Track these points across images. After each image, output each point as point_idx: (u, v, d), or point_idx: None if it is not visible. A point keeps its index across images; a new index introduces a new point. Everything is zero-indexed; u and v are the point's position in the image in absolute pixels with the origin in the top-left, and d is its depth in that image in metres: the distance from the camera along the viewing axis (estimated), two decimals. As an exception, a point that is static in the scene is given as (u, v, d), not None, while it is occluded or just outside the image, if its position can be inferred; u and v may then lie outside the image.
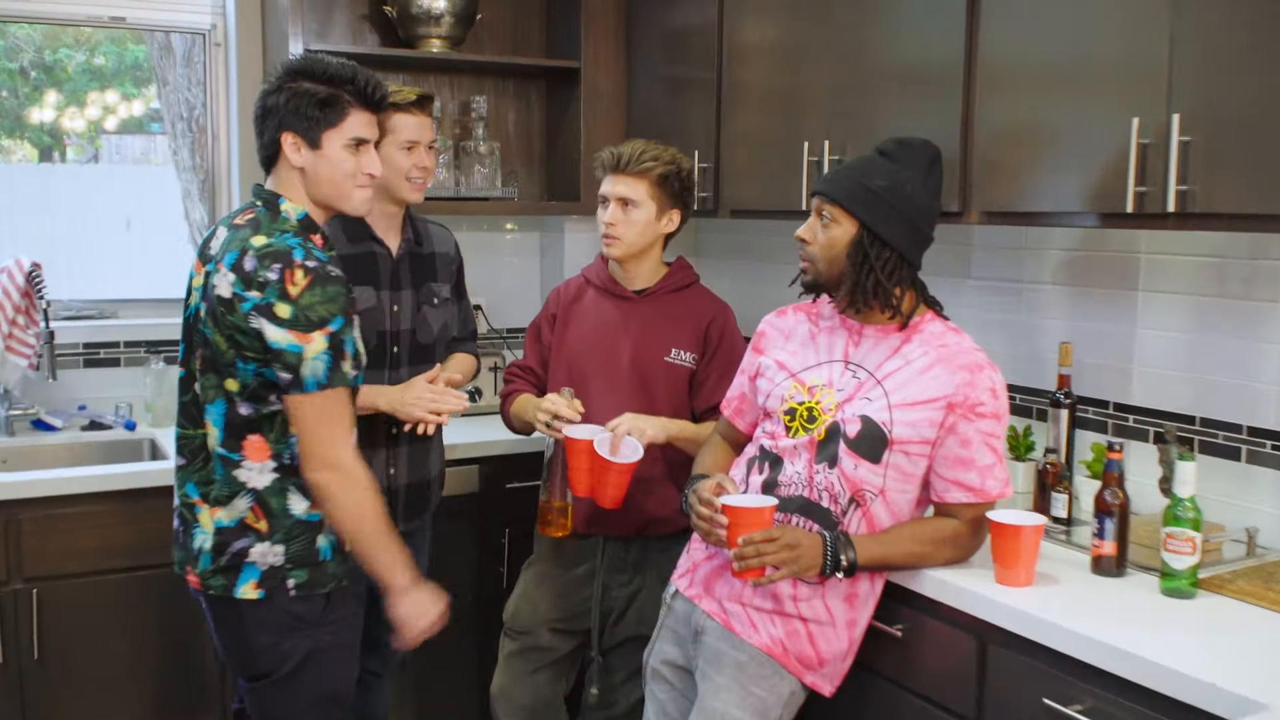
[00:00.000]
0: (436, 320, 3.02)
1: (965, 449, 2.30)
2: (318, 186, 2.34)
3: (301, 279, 2.21)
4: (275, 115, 2.31)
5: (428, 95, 2.89)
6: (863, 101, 2.92)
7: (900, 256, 2.31)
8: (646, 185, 2.88)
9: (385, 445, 2.94)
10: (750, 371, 2.57)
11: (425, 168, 2.88)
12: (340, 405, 2.27)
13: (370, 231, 2.90)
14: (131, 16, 3.78)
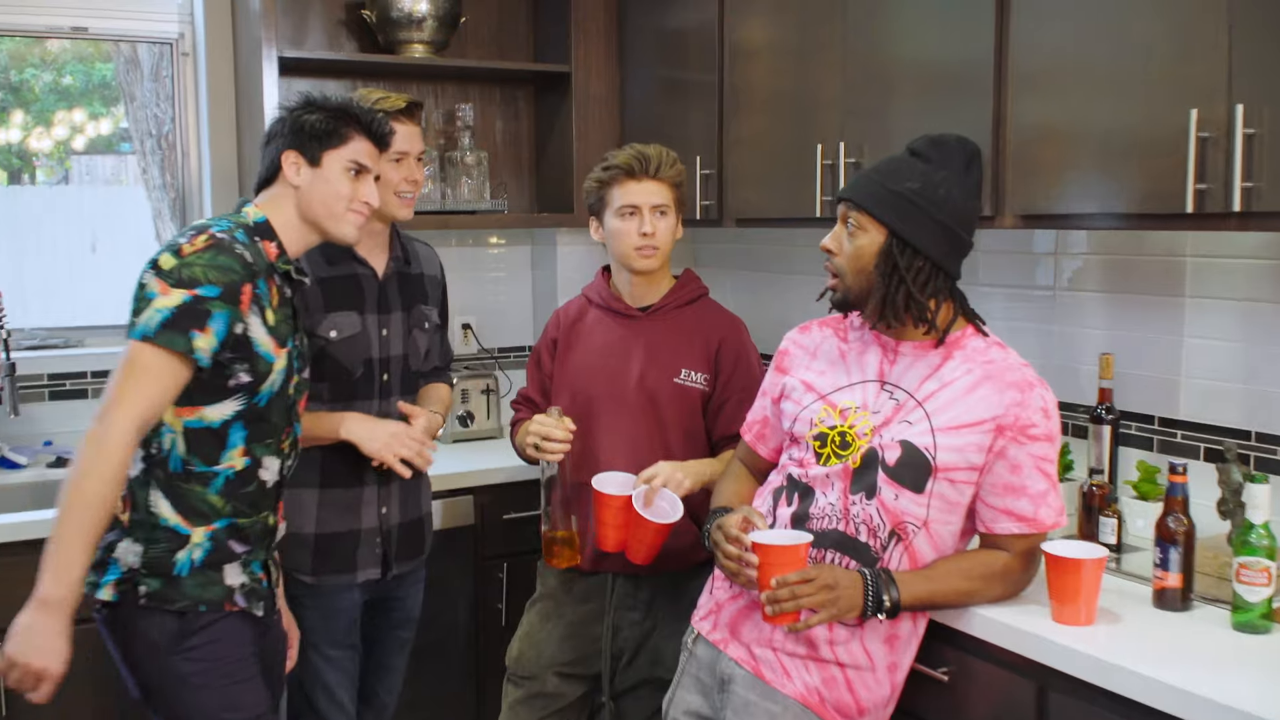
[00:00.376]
0: (425, 346, 2.82)
1: (1016, 475, 2.10)
2: (310, 205, 2.27)
3: (201, 242, 2.12)
4: (277, 138, 2.30)
5: (417, 103, 2.69)
6: (880, 100, 2.73)
7: (934, 265, 2.11)
8: (672, 191, 2.71)
9: (376, 482, 2.72)
10: (773, 393, 2.37)
11: (415, 181, 2.68)
12: (154, 371, 2.06)
13: (350, 251, 2.68)
14: (94, 26, 3.56)
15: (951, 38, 2.55)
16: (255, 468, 2.23)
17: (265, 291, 2.18)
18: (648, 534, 2.50)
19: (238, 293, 2.11)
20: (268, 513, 2.29)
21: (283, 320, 2.23)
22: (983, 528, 2.16)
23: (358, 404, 2.67)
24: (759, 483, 2.43)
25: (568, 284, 3.92)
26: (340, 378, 2.65)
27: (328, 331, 2.62)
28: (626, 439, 2.71)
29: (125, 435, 2.06)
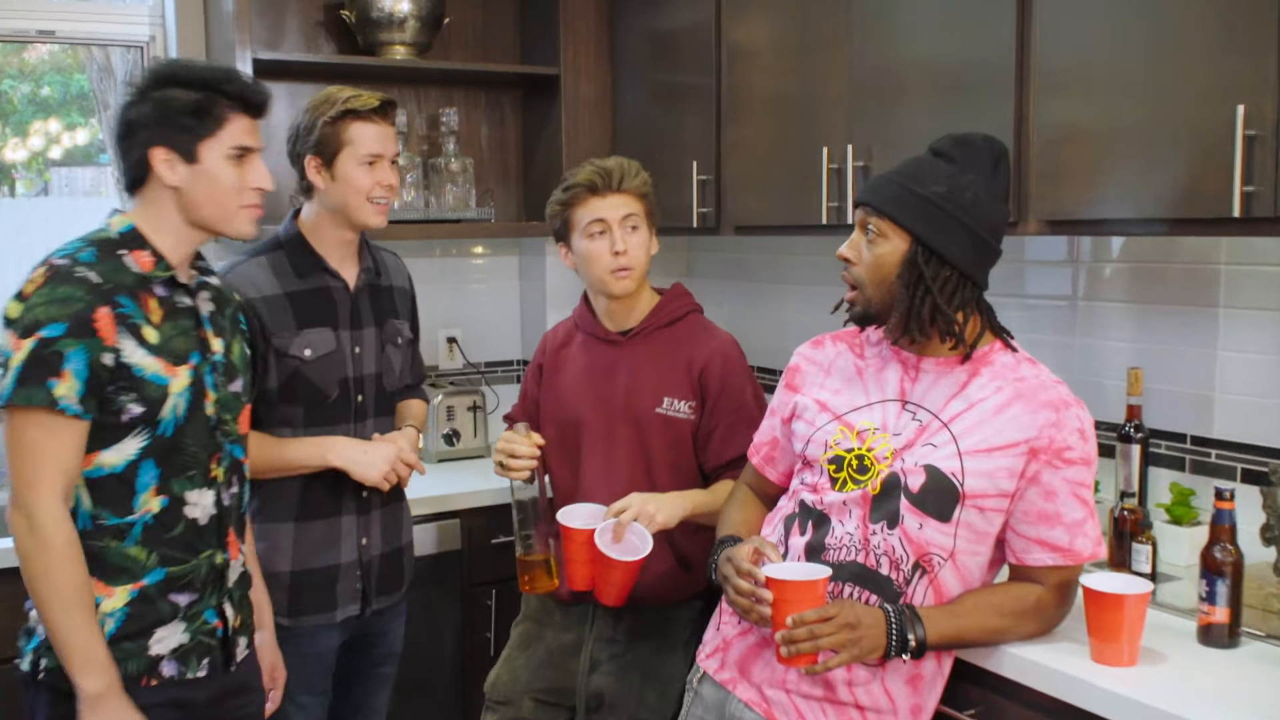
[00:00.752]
0: (399, 363, 2.64)
1: (1050, 502, 1.94)
2: (197, 207, 2.01)
3: (40, 276, 1.90)
4: (142, 129, 1.98)
5: (391, 101, 2.51)
6: (890, 101, 2.58)
7: (961, 275, 1.95)
8: (640, 203, 2.51)
9: (356, 510, 2.54)
10: (784, 413, 2.21)
11: (390, 186, 2.49)
12: (36, 436, 1.86)
13: (322, 262, 2.51)
14: (62, 30, 3.38)
15: (967, 33, 2.39)
16: (177, 506, 1.99)
17: (136, 308, 1.93)
18: (614, 573, 2.33)
19: (88, 321, 1.87)
20: (212, 551, 2.05)
21: (178, 334, 1.99)
22: (1014, 559, 2.00)
23: (333, 428, 2.49)
24: (768, 509, 2.27)
25: (557, 295, 3.75)
26: (315, 400, 2.47)
27: (301, 350, 2.44)
28: (611, 470, 2.53)
29: (53, 512, 1.87)
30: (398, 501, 2.62)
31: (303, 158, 2.47)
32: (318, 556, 2.49)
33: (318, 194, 2.49)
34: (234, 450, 2.11)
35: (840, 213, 2.69)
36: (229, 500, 2.09)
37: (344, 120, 2.43)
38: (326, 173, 2.45)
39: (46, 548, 1.87)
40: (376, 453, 2.46)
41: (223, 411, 2.06)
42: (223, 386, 2.07)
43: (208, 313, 2.09)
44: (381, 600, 2.58)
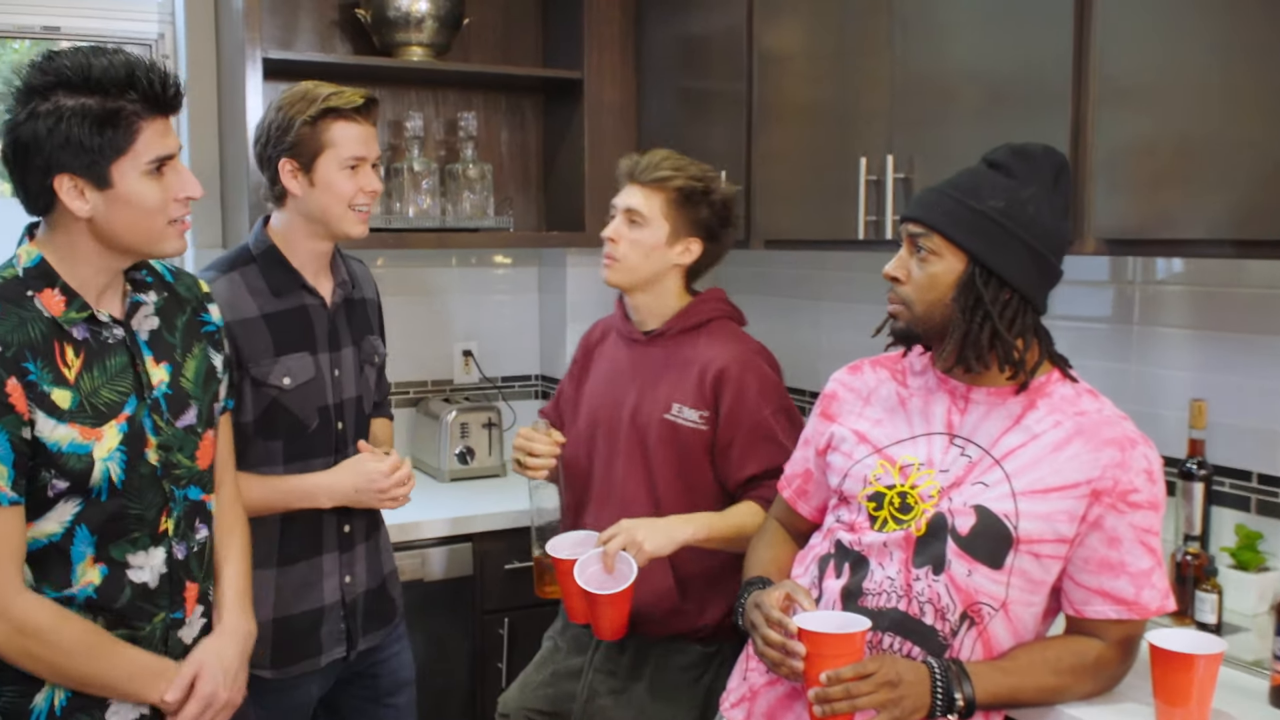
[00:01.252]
0: (374, 384, 2.44)
1: (1114, 549, 1.77)
2: (115, 236, 1.72)
3: None
4: (35, 154, 1.66)
5: (374, 99, 2.28)
6: (934, 109, 2.40)
7: (1022, 298, 1.78)
8: (661, 200, 2.35)
9: (337, 547, 2.34)
10: (818, 443, 2.04)
11: (373, 191, 2.28)
12: None
13: (300, 279, 2.28)
14: (67, 25, 3.25)
15: (1020, 37, 2.22)
16: (119, 573, 1.76)
17: (44, 370, 1.67)
18: (598, 607, 2.17)
19: (1, 397, 1.63)
20: (162, 612, 1.83)
21: (105, 382, 1.73)
22: (1071, 610, 1.82)
23: (314, 461, 2.29)
24: (799, 546, 2.10)
25: (578, 308, 3.59)
26: (295, 433, 2.26)
27: (280, 379, 2.23)
28: (616, 483, 2.40)
29: (29, 602, 1.69)
30: (378, 530, 2.44)
31: (275, 161, 2.23)
32: (300, 601, 2.29)
33: (292, 200, 2.26)
34: (190, 493, 1.86)
35: (878, 227, 2.53)
36: (184, 553, 1.85)
37: (325, 120, 2.21)
38: (304, 177, 2.23)
39: (44, 635, 1.70)
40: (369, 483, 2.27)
41: (170, 454, 1.81)
42: (168, 425, 1.81)
43: (148, 334, 1.83)
44: (370, 639, 2.39)
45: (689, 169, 2.36)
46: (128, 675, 1.76)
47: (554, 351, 3.69)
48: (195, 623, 1.90)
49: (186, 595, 1.87)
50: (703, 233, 2.38)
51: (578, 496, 2.45)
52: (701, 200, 2.35)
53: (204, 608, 1.92)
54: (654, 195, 2.34)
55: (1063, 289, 2.50)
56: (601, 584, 2.17)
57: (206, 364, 1.92)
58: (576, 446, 2.47)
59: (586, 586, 2.15)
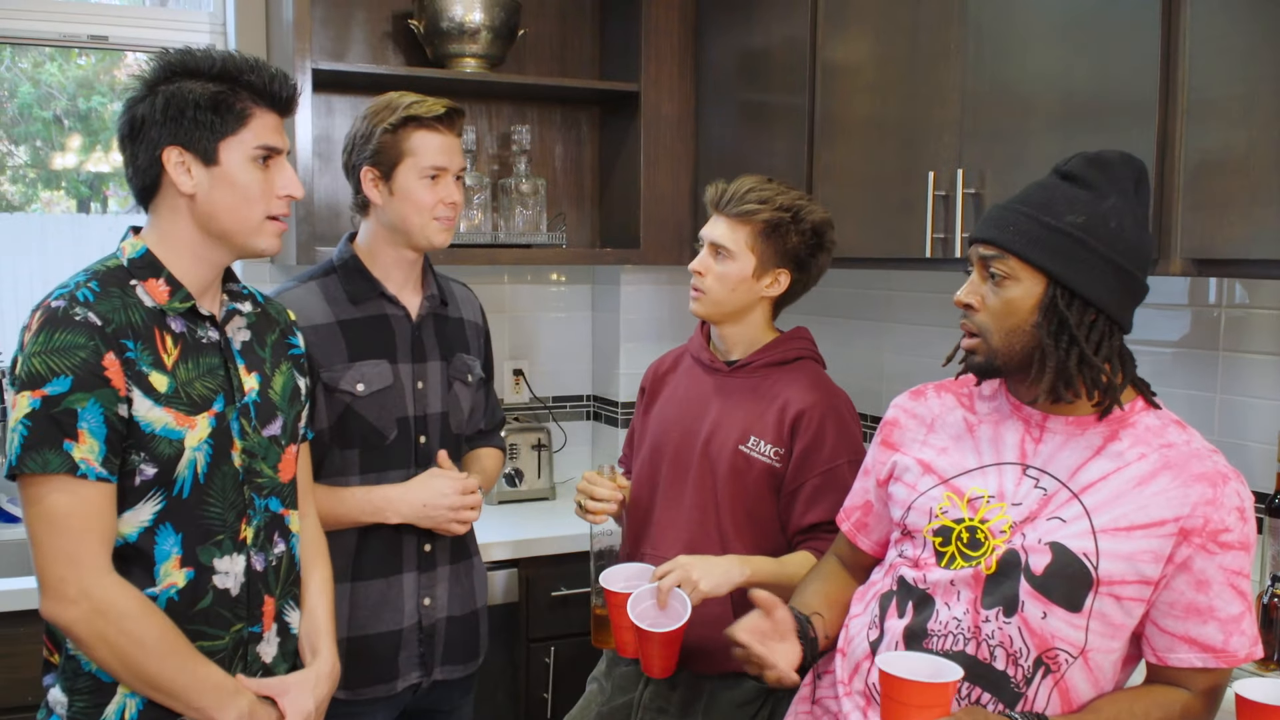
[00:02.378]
0: (468, 403, 2.38)
1: (1202, 593, 1.63)
2: (215, 218, 1.75)
3: (37, 322, 1.66)
4: (150, 128, 1.71)
5: (458, 109, 2.26)
6: (1008, 122, 2.29)
7: (1108, 319, 1.66)
8: (748, 233, 2.25)
9: (417, 567, 2.28)
10: (879, 473, 1.92)
11: (454, 203, 2.25)
12: (65, 504, 1.62)
13: (380, 288, 2.27)
14: (115, 35, 3.22)
15: (1102, 49, 2.10)
16: (205, 577, 1.75)
17: (144, 351, 1.69)
18: (649, 643, 2.08)
19: (98, 370, 1.63)
20: (240, 624, 1.81)
21: (199, 376, 1.75)
22: (1154, 657, 1.69)
23: (392, 474, 2.24)
24: (859, 582, 1.98)
25: (632, 328, 3.50)
26: (371, 442, 2.22)
27: (353, 385, 2.20)
28: (681, 511, 2.31)
29: (114, 584, 1.65)
30: (468, 558, 2.37)
31: (359, 169, 2.23)
32: (378, 621, 2.23)
33: (374, 210, 2.25)
34: (271, 504, 1.85)
35: (947, 245, 2.41)
36: (263, 565, 1.83)
37: (406, 128, 2.19)
38: (385, 186, 2.22)
39: (125, 622, 1.65)
40: (439, 500, 2.21)
41: (254, 461, 1.81)
42: (254, 432, 1.82)
43: (241, 344, 1.85)
44: (447, 670, 2.31)
45: (776, 200, 2.25)
46: (201, 688, 1.70)
47: (607, 372, 3.60)
48: (272, 640, 1.86)
49: (264, 610, 1.84)
50: (791, 263, 2.29)
51: (640, 521, 2.37)
52: (790, 229, 2.25)
53: (279, 625, 1.87)
54: (740, 228, 2.25)
55: (1142, 311, 2.37)
56: (654, 620, 2.08)
57: (293, 383, 1.93)
58: (641, 471, 2.39)
59: (639, 622, 2.06)
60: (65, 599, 1.63)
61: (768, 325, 2.36)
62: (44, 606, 1.66)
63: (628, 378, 3.51)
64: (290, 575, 1.90)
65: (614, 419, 3.55)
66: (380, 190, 2.22)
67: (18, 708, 2.47)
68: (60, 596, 1.64)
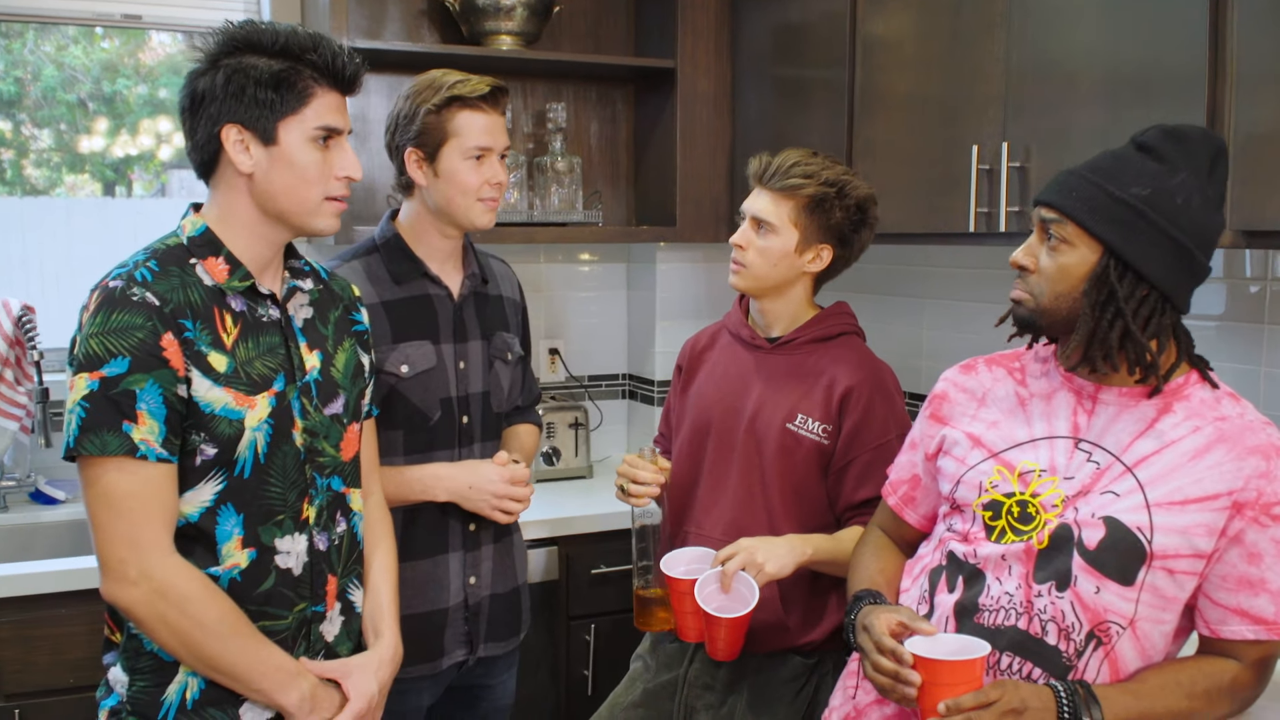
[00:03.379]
0: (508, 381, 2.39)
1: (1254, 565, 1.63)
2: (273, 198, 1.74)
3: (95, 302, 1.65)
4: (211, 103, 1.69)
5: (502, 87, 2.25)
6: (1053, 95, 2.26)
7: (1161, 295, 1.64)
8: (791, 208, 2.24)
9: (463, 546, 2.30)
10: (928, 447, 1.92)
11: (499, 183, 2.24)
12: (126, 486, 1.62)
13: (422, 267, 2.27)
14: (148, 14, 3.22)
15: (1151, 20, 2.08)
16: (267, 557, 1.75)
17: (201, 331, 1.68)
18: (718, 628, 2.09)
19: (156, 351, 1.63)
20: (304, 604, 1.80)
21: (259, 355, 1.74)
22: (1205, 630, 1.68)
23: (436, 454, 2.26)
24: (906, 556, 1.98)
25: (668, 306, 3.50)
26: (415, 423, 2.23)
27: (398, 366, 2.21)
28: (728, 489, 2.31)
29: (175, 565, 1.66)
30: (509, 536, 2.38)
31: (402, 150, 2.22)
32: (424, 600, 2.24)
33: (418, 191, 2.25)
34: (333, 483, 1.84)
35: (990, 219, 2.39)
36: (326, 544, 1.83)
37: (450, 108, 2.18)
38: (429, 167, 2.21)
39: (186, 604, 1.65)
40: (486, 484, 2.22)
41: (315, 440, 1.80)
42: (316, 411, 1.81)
43: (303, 321, 1.84)
44: (491, 647, 2.33)
45: (821, 174, 2.24)
46: (263, 670, 1.70)
47: (643, 350, 3.60)
48: (335, 619, 1.86)
49: (328, 590, 1.84)
50: (834, 239, 2.28)
51: (682, 501, 2.36)
52: (835, 205, 2.24)
53: (342, 605, 1.88)
54: (783, 202, 2.24)
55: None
56: (719, 604, 2.09)
57: (356, 360, 1.92)
58: (681, 449, 2.38)
59: (707, 608, 2.07)
60: (126, 580, 1.64)
61: (809, 301, 2.35)
62: (104, 588, 1.67)
63: (664, 356, 3.51)
64: (353, 554, 1.90)
65: (650, 397, 3.55)
66: (425, 171, 2.22)
67: (60, 689, 2.49)
68: (121, 578, 1.64)
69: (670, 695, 2.35)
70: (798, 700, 2.27)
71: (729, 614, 2.06)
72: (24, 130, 3.38)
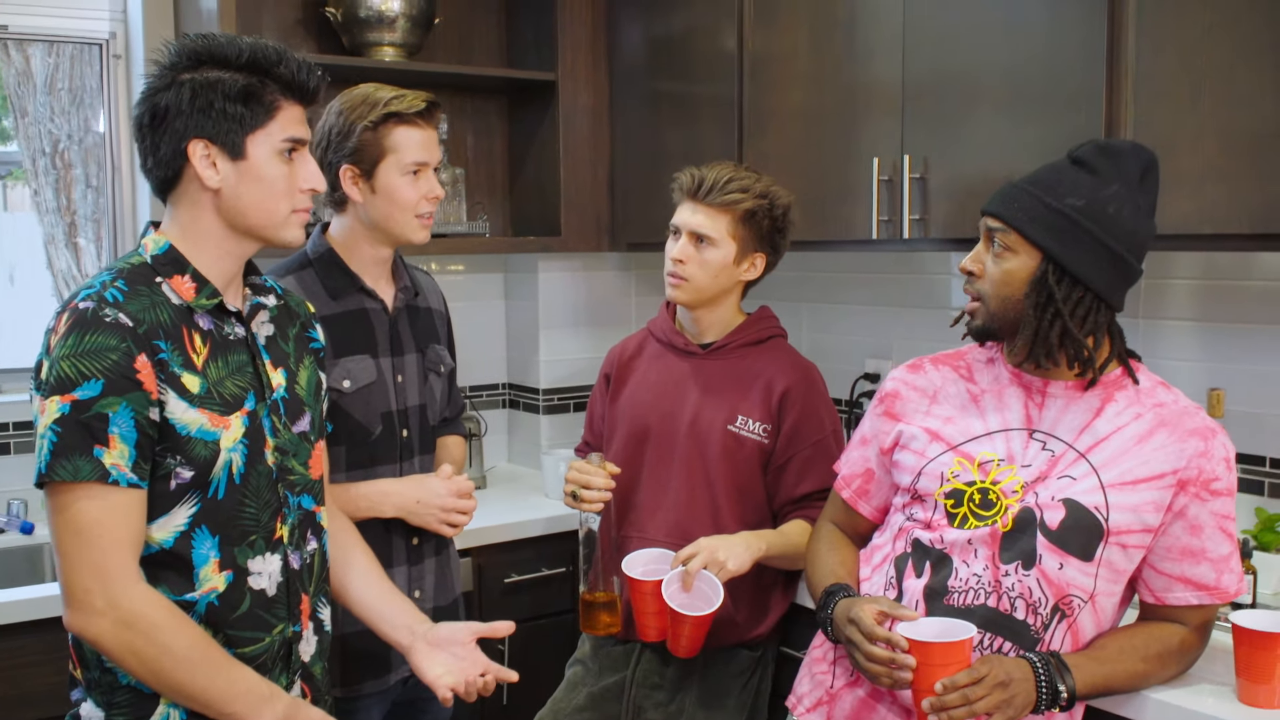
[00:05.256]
0: (440, 394, 2.40)
1: (1195, 536, 1.82)
2: (242, 214, 1.71)
3: (64, 325, 1.60)
4: (174, 118, 1.65)
5: (436, 102, 2.26)
6: (952, 106, 2.43)
7: (1096, 297, 1.82)
8: (729, 221, 2.33)
9: (407, 560, 2.30)
10: (882, 442, 2.04)
11: (436, 197, 2.25)
12: (94, 513, 1.58)
13: (358, 281, 2.26)
14: (15, 24, 3.07)
15: (1048, 34, 2.26)
16: (241, 579, 1.71)
17: (174, 351, 1.64)
18: (684, 626, 2.17)
19: (130, 373, 1.58)
20: (282, 624, 1.77)
21: (229, 374, 1.71)
22: (1151, 598, 1.87)
23: (379, 469, 2.25)
24: (860, 547, 2.11)
25: (550, 315, 3.54)
26: (357, 438, 2.23)
27: (340, 381, 2.19)
28: (670, 492, 2.38)
29: (141, 594, 1.60)
30: (447, 548, 2.39)
31: (336, 166, 2.20)
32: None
33: (353, 207, 2.23)
34: (304, 501, 1.82)
35: (893, 227, 2.55)
36: (299, 562, 1.81)
37: (386, 124, 2.18)
38: (365, 184, 2.20)
39: (154, 633, 1.59)
40: (433, 497, 2.24)
41: (285, 459, 1.78)
42: (285, 429, 1.79)
43: (265, 339, 1.81)
44: None
45: (754, 188, 2.34)
46: (234, 694, 1.66)
47: (524, 359, 3.63)
48: (310, 639, 1.83)
49: (302, 609, 1.81)
50: (767, 247, 2.39)
51: (621, 505, 2.42)
52: (765, 215, 2.35)
53: (314, 624, 1.85)
54: (721, 216, 2.33)
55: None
56: (683, 602, 2.16)
57: (316, 378, 1.90)
58: (617, 455, 2.44)
59: (676, 607, 2.13)
60: (92, 611, 1.58)
61: (738, 307, 2.45)
62: (69, 618, 1.61)
63: (549, 364, 3.55)
64: (322, 572, 1.89)
65: (534, 406, 3.59)
66: (361, 188, 2.21)
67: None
68: (86, 608, 1.58)
69: (617, 697, 2.40)
70: (744, 692, 2.36)
71: (696, 612, 2.14)
72: None
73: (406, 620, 1.97)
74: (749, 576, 2.30)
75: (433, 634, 1.95)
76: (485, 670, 1.94)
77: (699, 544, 2.21)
